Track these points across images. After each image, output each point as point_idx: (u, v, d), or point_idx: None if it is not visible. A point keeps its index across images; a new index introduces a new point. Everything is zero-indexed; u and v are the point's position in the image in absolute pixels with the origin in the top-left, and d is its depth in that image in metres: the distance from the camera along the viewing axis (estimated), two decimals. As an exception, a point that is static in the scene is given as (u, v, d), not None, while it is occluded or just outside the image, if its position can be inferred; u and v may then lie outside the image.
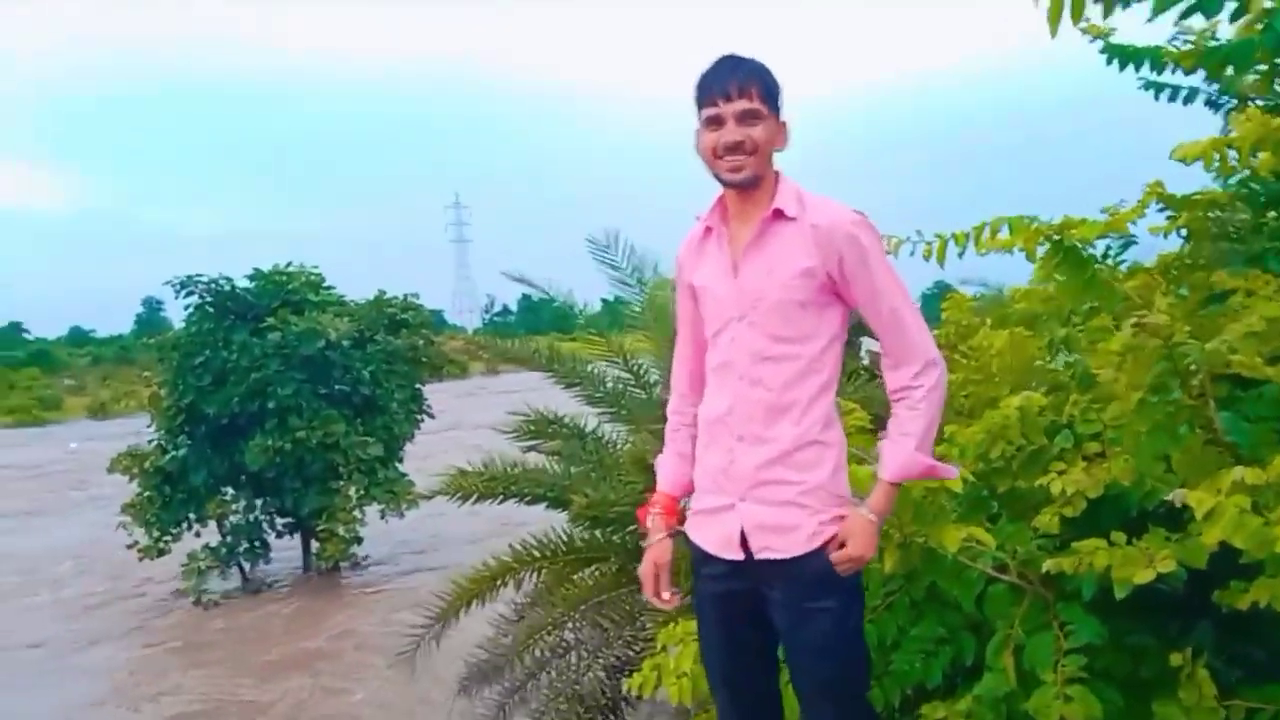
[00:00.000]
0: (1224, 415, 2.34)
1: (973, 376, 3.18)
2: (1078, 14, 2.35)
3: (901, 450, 2.16)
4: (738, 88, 2.16)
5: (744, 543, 2.21)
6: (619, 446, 5.41)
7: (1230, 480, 2.05)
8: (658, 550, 2.36)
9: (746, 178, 2.18)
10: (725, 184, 2.24)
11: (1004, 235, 2.92)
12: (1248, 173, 3.18)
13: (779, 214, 2.18)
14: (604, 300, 6.57)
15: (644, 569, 2.36)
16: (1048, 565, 2.35)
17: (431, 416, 13.62)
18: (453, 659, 5.59)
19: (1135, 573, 2.11)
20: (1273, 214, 3.22)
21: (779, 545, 2.17)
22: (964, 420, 3.23)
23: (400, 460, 12.80)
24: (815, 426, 2.17)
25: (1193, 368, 2.32)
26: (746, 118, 2.16)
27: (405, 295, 13.51)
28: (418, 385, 13.28)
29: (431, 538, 13.40)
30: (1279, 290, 2.71)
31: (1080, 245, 2.88)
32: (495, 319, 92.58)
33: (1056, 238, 2.83)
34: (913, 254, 2.96)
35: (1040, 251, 2.91)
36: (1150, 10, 2.30)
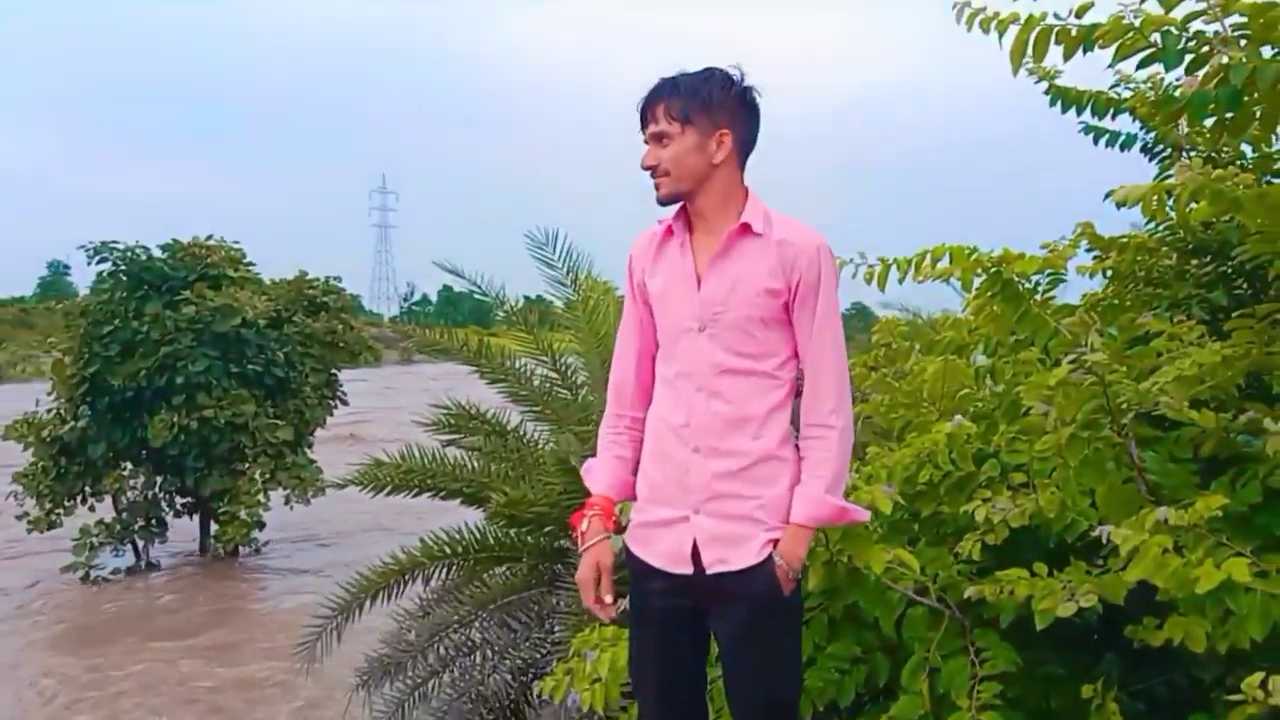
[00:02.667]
0: (1150, 455, 2.40)
1: (902, 400, 3.21)
2: (1040, 55, 2.40)
3: (812, 494, 2.16)
4: (648, 112, 2.20)
5: (695, 557, 2.18)
6: (541, 446, 5.35)
7: (1153, 519, 2.10)
8: (598, 551, 2.27)
9: (662, 197, 2.21)
10: (657, 203, 2.25)
11: (944, 264, 2.96)
12: (1173, 218, 3.28)
13: (746, 228, 2.16)
14: (526, 297, 6.53)
15: (583, 573, 2.28)
16: (970, 591, 2.38)
17: (345, 403, 13.36)
18: (353, 654, 5.47)
19: (1057, 605, 2.15)
20: (1195, 262, 3.33)
21: (732, 558, 2.15)
22: (886, 442, 3.27)
23: (310, 446, 12.52)
24: (774, 441, 2.16)
25: (1124, 406, 2.37)
26: (655, 140, 2.19)
27: (327, 277, 13.24)
28: (333, 370, 13.01)
29: (338, 528, 13.14)
30: (1201, 336, 2.79)
31: (1017, 279, 2.94)
32: (414, 308, 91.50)
33: (995, 270, 2.88)
34: (855, 276, 2.98)
35: (977, 282, 2.97)
36: (1112, 57, 2.35)
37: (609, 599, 2.26)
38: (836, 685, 2.58)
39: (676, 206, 2.25)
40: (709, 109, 2.17)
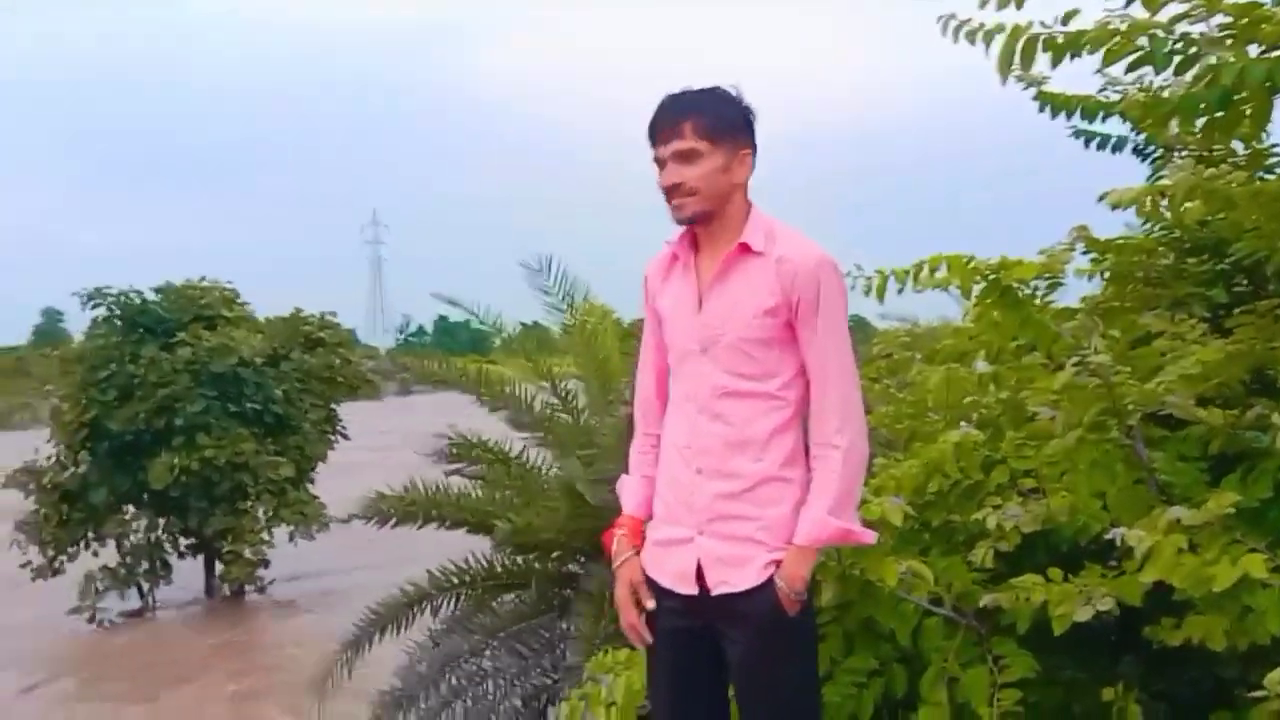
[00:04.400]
0: (1159, 455, 2.40)
1: (906, 410, 3.21)
2: (1028, 63, 2.41)
3: (815, 514, 2.13)
4: (670, 128, 2.15)
5: (700, 577, 2.17)
6: (545, 471, 5.35)
7: (1167, 519, 2.10)
8: (629, 568, 2.28)
9: (687, 217, 2.18)
10: (677, 222, 2.23)
11: (942, 273, 2.97)
12: (1168, 218, 3.29)
13: (745, 248, 2.16)
14: (523, 324, 6.54)
15: (620, 591, 2.28)
16: (986, 600, 2.37)
17: (346, 437, 13.34)
18: (366, 688, 5.44)
19: (1074, 609, 2.14)
20: (1193, 260, 3.33)
21: (734, 579, 2.14)
22: (892, 453, 3.26)
23: (311, 481, 12.49)
24: (777, 463, 2.15)
25: (1130, 408, 2.37)
26: (680, 158, 2.14)
27: (322, 313, 13.25)
28: (332, 405, 13.01)
29: (343, 563, 13.08)
30: (1204, 334, 2.80)
31: (1016, 285, 2.94)
32: (410, 339, 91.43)
33: (994, 277, 2.89)
34: (854, 288, 2.98)
35: (976, 290, 2.98)
36: (1101, 61, 2.36)
37: (650, 604, 2.24)
38: (855, 699, 2.56)
39: (683, 228, 2.24)
40: (734, 128, 2.17)
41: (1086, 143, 3.63)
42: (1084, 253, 3.47)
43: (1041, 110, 3.69)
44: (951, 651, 2.44)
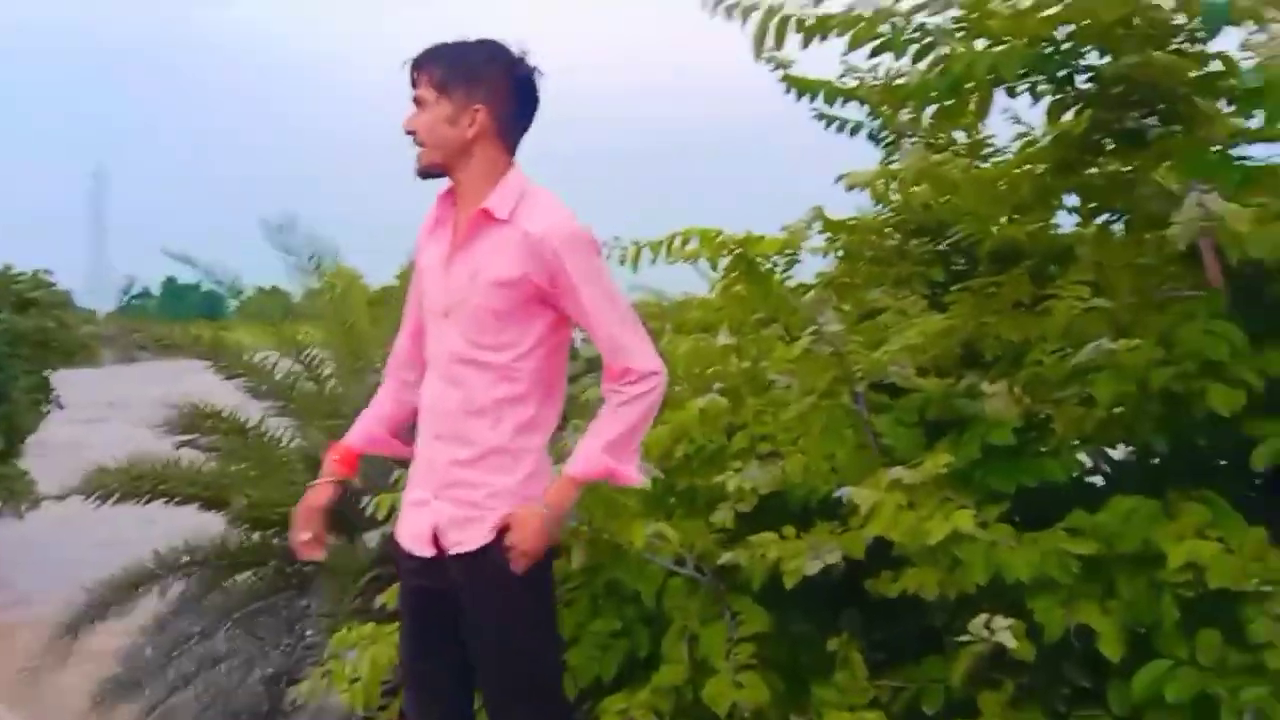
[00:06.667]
0: (883, 419, 2.57)
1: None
2: (780, 40, 2.51)
3: (589, 449, 2.17)
4: (412, 75, 2.13)
5: (437, 540, 2.17)
6: (286, 443, 5.10)
7: (888, 479, 2.25)
8: (314, 493, 2.32)
9: (422, 167, 2.15)
10: (416, 174, 2.19)
11: (693, 246, 3.05)
12: (897, 201, 3.52)
13: (488, 215, 2.12)
14: (260, 288, 6.21)
15: (297, 508, 2.32)
16: (724, 558, 2.46)
17: (61, 406, 12.24)
18: (82, 678, 5.03)
19: (803, 564, 2.26)
20: (916, 241, 3.59)
21: (465, 540, 2.13)
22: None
23: (21, 455, 11.39)
24: (508, 434, 2.13)
25: (859, 376, 2.52)
26: (415, 104, 2.12)
27: (35, 271, 12.06)
28: (45, 372, 11.88)
29: (59, 544, 12.03)
30: (924, 310, 3.02)
31: (759, 260, 3.06)
32: (134, 301, 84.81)
33: (739, 251, 2.99)
34: (609, 259, 3.02)
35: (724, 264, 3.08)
36: (846, 46, 2.49)
37: (305, 537, 2.29)
38: (599, 661, 2.61)
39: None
40: (469, 82, 2.10)
41: (828, 125, 3.81)
42: (821, 232, 3.66)
43: (788, 92, 3.85)
44: (693, 610, 2.53)
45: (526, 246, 2.08)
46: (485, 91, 2.12)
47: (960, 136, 3.53)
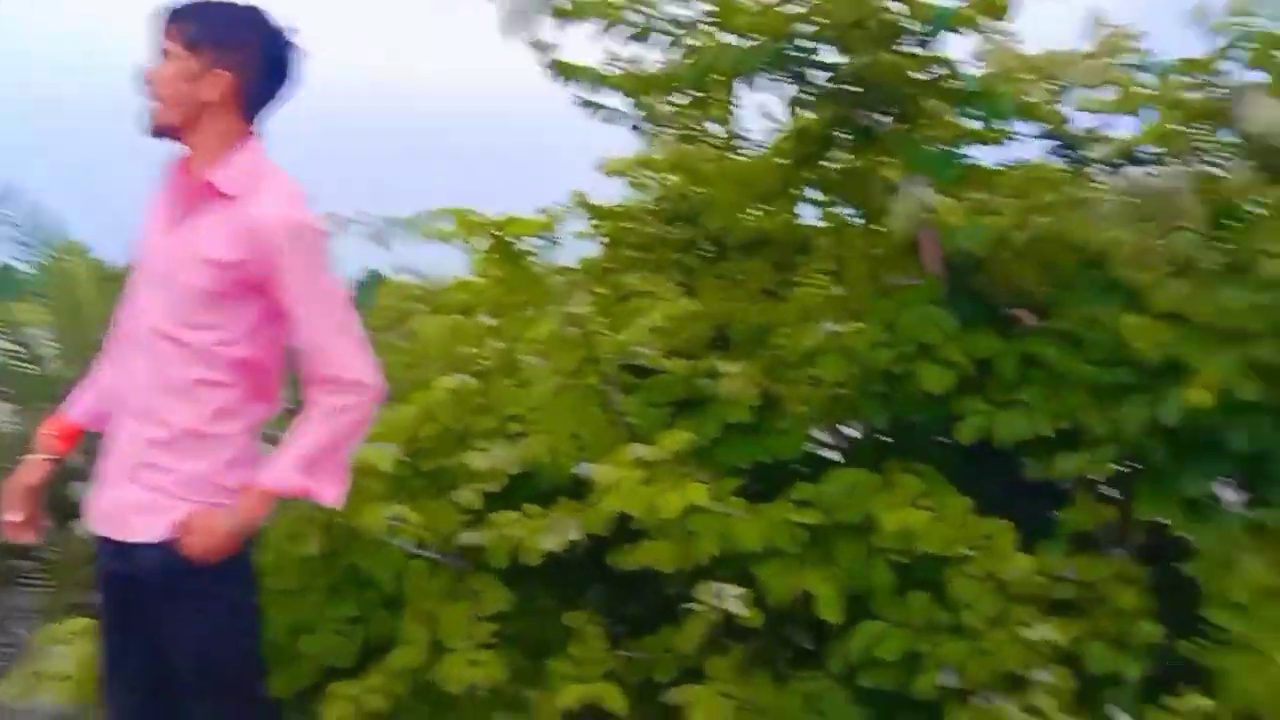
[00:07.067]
0: (632, 400, 2.61)
1: (406, 360, 3.21)
2: (529, 23, 2.52)
3: (281, 462, 2.00)
4: (166, 25, 1.96)
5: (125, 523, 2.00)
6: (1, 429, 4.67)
7: (629, 456, 2.28)
8: (27, 470, 2.11)
9: (153, 125, 1.98)
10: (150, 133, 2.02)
11: (446, 225, 3.00)
12: (657, 189, 3.59)
13: (211, 188, 1.99)
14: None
15: (5, 487, 2.10)
16: (464, 538, 2.44)
17: None
18: None
19: (545, 540, 2.27)
20: (672, 228, 3.67)
21: (144, 529, 1.97)
22: (391, 404, 3.26)
23: None
24: (204, 417, 1.98)
25: (608, 357, 2.55)
26: (161, 56, 1.96)
27: None
28: None
29: None
30: (677, 295, 3.09)
31: (515, 241, 3.05)
32: None
33: (497, 233, 2.97)
34: (356, 236, 2.94)
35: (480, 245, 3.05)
36: (602, 31, 2.52)
37: (13, 516, 2.09)
38: (336, 647, 2.53)
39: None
40: (219, 44, 1.96)
41: (593, 112, 3.83)
42: (590, 219, 3.69)
43: (554, 79, 3.85)
44: (434, 592, 2.49)
45: (248, 230, 1.94)
46: (236, 57, 1.98)
47: (716, 129, 3.63)
